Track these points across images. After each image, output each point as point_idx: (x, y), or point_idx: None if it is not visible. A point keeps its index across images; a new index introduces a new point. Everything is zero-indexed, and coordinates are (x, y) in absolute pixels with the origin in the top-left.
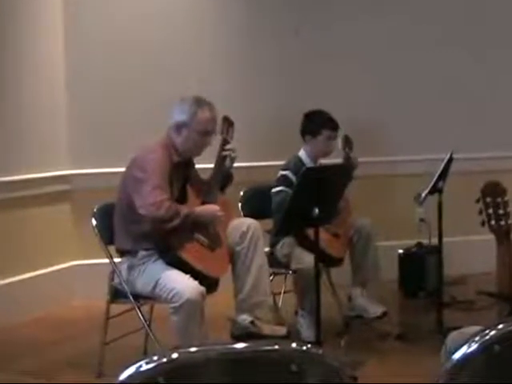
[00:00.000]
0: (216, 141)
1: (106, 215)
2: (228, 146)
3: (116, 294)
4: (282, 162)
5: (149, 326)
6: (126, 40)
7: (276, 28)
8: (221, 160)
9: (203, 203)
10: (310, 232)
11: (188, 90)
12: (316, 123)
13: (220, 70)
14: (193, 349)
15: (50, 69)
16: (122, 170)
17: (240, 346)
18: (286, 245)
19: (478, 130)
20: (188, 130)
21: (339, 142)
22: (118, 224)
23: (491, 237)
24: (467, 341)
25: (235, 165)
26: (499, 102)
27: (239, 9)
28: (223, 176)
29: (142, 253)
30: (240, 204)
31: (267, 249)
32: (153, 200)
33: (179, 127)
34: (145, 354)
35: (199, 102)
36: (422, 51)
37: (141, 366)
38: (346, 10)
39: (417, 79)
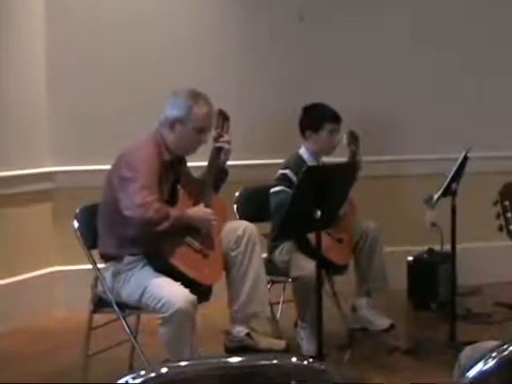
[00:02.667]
0: (210, 137)
1: (89, 217)
2: (224, 138)
3: (99, 303)
4: (281, 160)
5: (135, 338)
6: (112, 33)
7: (275, 22)
8: (215, 153)
9: (195, 204)
10: (312, 236)
11: (181, 85)
12: (317, 116)
13: (217, 63)
14: (183, 363)
15: (32, 63)
16: (108, 167)
17: (235, 360)
18: (285, 250)
19: (495, 127)
20: (182, 126)
21: (344, 138)
22: (102, 227)
23: (510, 243)
24: (483, 357)
25: (230, 163)
26: None
27: (236, 3)
28: (217, 172)
29: (128, 258)
30: (235, 205)
31: (265, 255)
32: (141, 201)
33: (172, 123)
34: (131, 369)
35: (195, 96)
36: (434, 44)
37: (127, 382)
38: (349, 1)
39: (428, 72)
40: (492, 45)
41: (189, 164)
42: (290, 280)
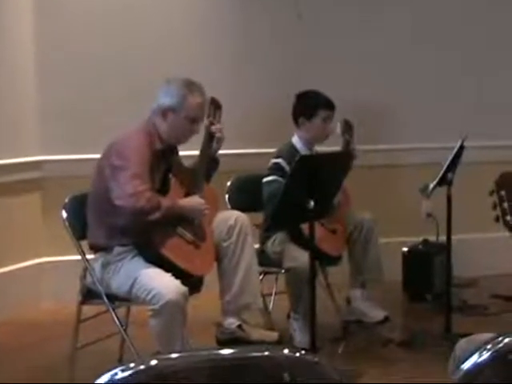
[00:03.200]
0: (203, 126)
1: (78, 206)
2: (216, 126)
3: (89, 295)
4: (273, 149)
5: (125, 330)
6: (104, 23)
7: (269, 11)
8: (207, 141)
9: (187, 194)
10: (305, 227)
11: (174, 74)
12: (310, 104)
13: (210, 51)
14: (174, 355)
15: (19, 52)
16: (98, 156)
17: (226, 352)
18: (277, 241)
19: (493, 116)
20: (175, 115)
21: (338, 127)
22: (91, 216)
23: (506, 234)
24: (478, 349)
25: (222, 151)
26: None
27: None
28: (209, 160)
29: (118, 249)
30: (227, 195)
31: (257, 245)
32: (132, 190)
33: (165, 112)
34: (120, 361)
35: (189, 85)
36: (429, 32)
37: (116, 374)
38: None
39: (424, 58)
40: (492, 41)
41: (181, 153)
42: (282, 271)
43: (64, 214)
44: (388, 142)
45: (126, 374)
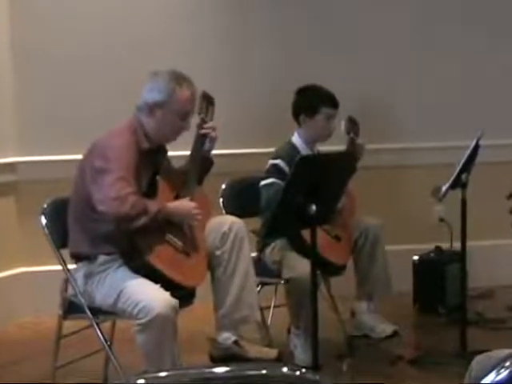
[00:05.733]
0: (193, 123)
1: (58, 212)
2: (208, 125)
3: (70, 309)
4: (272, 149)
5: (110, 346)
6: (83, 12)
7: (269, 2)
8: (199, 141)
9: (177, 198)
10: (306, 233)
11: (161, 67)
12: (312, 100)
13: (202, 43)
14: (163, 374)
15: None
16: (79, 157)
17: (220, 370)
18: (276, 249)
19: (510, 112)
20: (164, 111)
21: (342, 125)
22: (73, 223)
23: None
24: (496, 366)
25: (216, 152)
26: None
27: None
28: (201, 161)
29: (102, 258)
30: (221, 199)
31: (254, 253)
32: (116, 194)
33: (152, 108)
34: (105, 381)
35: (177, 78)
36: (441, 24)
37: None
38: None
39: (437, 52)
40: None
41: (170, 153)
42: (282, 282)
43: (43, 221)
44: (396, 140)
45: None
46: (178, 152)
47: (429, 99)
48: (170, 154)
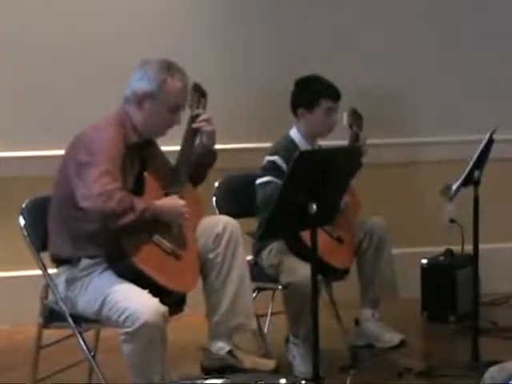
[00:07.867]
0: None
1: (38, 212)
2: (201, 117)
3: (51, 317)
4: (268, 145)
5: (94, 357)
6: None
7: None
8: (190, 136)
9: (166, 195)
10: (306, 235)
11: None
12: (312, 92)
13: (195, 33)
14: None
15: None
16: (60, 152)
17: (214, 382)
18: (274, 252)
19: None
20: (153, 102)
21: (344, 118)
22: (53, 223)
23: None
24: (511, 379)
25: None
26: None
27: None
28: (205, 155)
29: (85, 261)
30: (214, 198)
31: (249, 257)
32: (100, 189)
33: (141, 99)
34: None
35: (170, 68)
36: (452, 12)
37: None
38: None
39: (447, 41)
40: None
41: (162, 149)
42: (279, 287)
43: (21, 221)
44: (403, 135)
45: None
46: (172, 147)
47: (439, 91)
48: (162, 149)
